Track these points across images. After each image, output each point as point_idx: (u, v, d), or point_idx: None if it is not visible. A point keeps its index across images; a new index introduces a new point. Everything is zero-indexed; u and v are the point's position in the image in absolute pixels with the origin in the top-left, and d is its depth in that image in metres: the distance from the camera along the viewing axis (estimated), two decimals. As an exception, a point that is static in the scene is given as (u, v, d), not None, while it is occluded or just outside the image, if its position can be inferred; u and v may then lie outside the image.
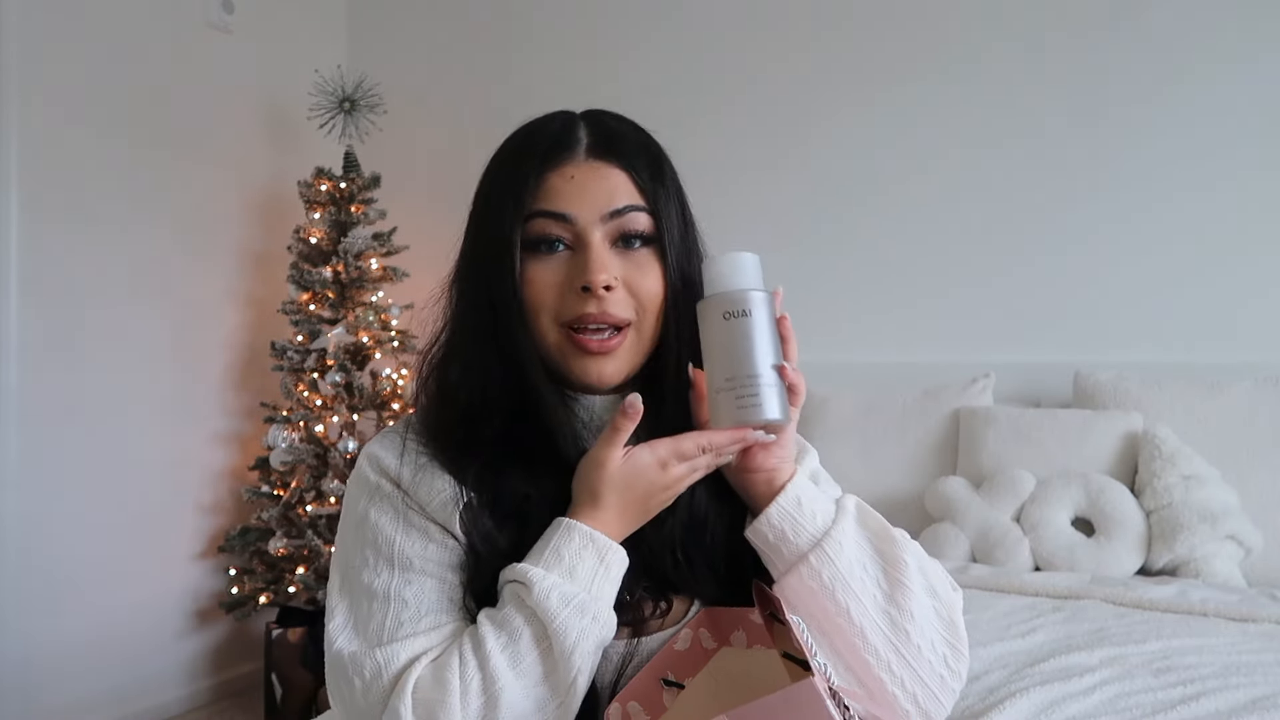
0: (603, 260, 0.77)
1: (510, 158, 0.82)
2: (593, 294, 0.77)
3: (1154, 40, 2.41)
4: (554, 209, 0.78)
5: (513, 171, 0.80)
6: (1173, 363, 2.29)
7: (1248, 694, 1.23)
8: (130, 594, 2.75)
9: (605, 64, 3.04)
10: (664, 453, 0.75)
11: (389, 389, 2.84)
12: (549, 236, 0.78)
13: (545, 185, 0.78)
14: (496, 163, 0.83)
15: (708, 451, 0.75)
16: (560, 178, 0.78)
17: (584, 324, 0.77)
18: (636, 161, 0.81)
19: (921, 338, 2.65)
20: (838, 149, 2.75)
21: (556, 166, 0.79)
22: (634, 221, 0.79)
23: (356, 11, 3.48)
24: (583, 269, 0.77)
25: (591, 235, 0.78)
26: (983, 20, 2.58)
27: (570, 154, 0.79)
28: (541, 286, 0.78)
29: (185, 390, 2.90)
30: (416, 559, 0.78)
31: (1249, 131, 2.32)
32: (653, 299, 0.80)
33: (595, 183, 0.79)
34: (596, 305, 0.77)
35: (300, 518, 2.79)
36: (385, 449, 0.83)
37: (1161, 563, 1.94)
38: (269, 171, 3.14)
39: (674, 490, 0.77)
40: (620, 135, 0.82)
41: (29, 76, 2.47)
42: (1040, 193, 2.52)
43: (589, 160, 0.80)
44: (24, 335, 2.48)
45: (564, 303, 0.78)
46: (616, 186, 0.79)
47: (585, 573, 0.74)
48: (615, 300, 0.78)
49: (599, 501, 0.75)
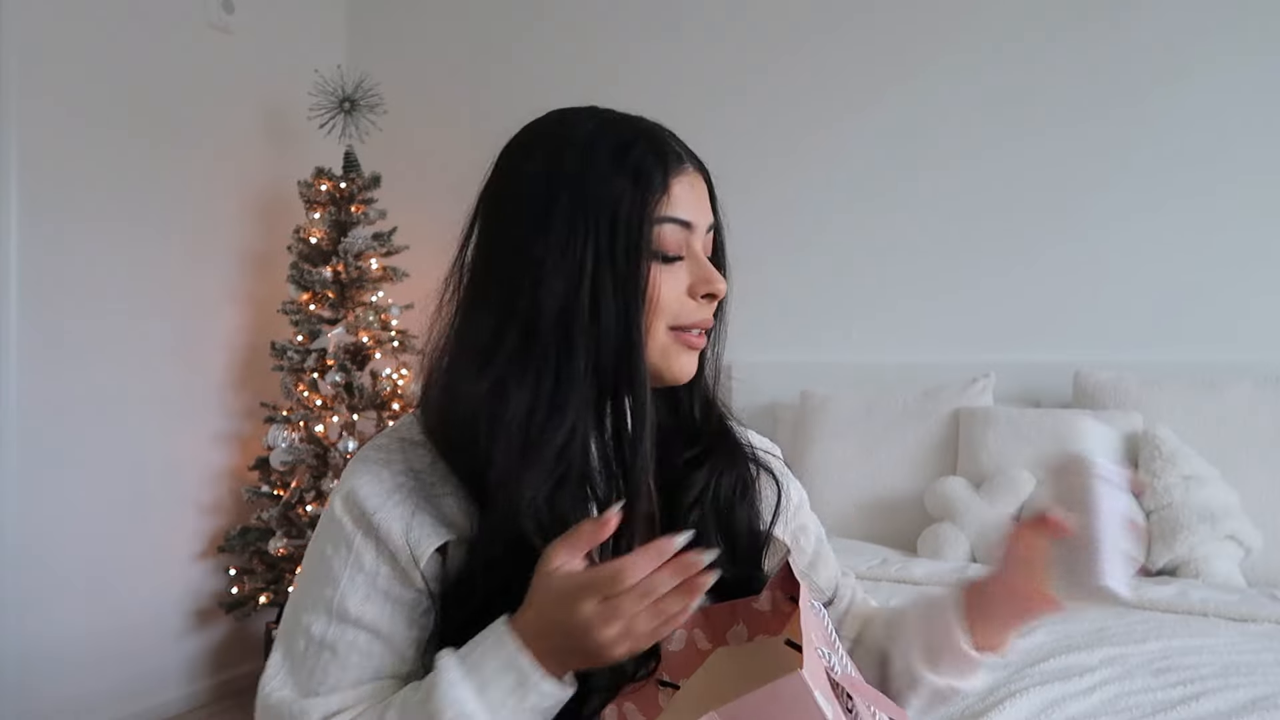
0: (715, 269, 0.80)
1: (621, 159, 0.76)
2: (712, 300, 0.80)
3: (1155, 41, 2.41)
4: (683, 216, 0.78)
5: (641, 172, 0.76)
6: (1173, 363, 2.29)
7: (1248, 694, 1.23)
8: (130, 594, 2.75)
9: (606, 63, 3.04)
10: (574, 584, 0.65)
11: (389, 389, 2.84)
12: (673, 245, 0.78)
13: (671, 190, 0.77)
14: (587, 159, 0.76)
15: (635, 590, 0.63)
16: (682, 185, 0.78)
17: (695, 330, 0.80)
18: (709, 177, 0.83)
19: (921, 338, 2.65)
20: (838, 149, 2.75)
21: (679, 174, 0.78)
22: (711, 240, 0.83)
23: (356, 11, 3.48)
24: (706, 278, 0.79)
25: (698, 245, 0.80)
26: (983, 20, 2.58)
27: (683, 161, 0.79)
28: (666, 292, 0.78)
29: (185, 390, 2.90)
30: (354, 611, 0.75)
31: (1249, 132, 2.32)
32: None
33: (702, 194, 0.80)
34: (710, 310, 0.81)
35: (300, 518, 2.79)
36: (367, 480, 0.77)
37: (1161, 563, 1.94)
38: (269, 171, 3.13)
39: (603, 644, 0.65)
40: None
41: (29, 76, 2.47)
42: (1040, 193, 2.52)
43: (693, 171, 0.80)
44: (24, 335, 2.48)
45: (682, 307, 0.79)
46: (708, 201, 0.82)
47: (496, 696, 0.67)
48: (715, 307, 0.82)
49: (532, 612, 0.68)
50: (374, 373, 2.85)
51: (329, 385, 2.78)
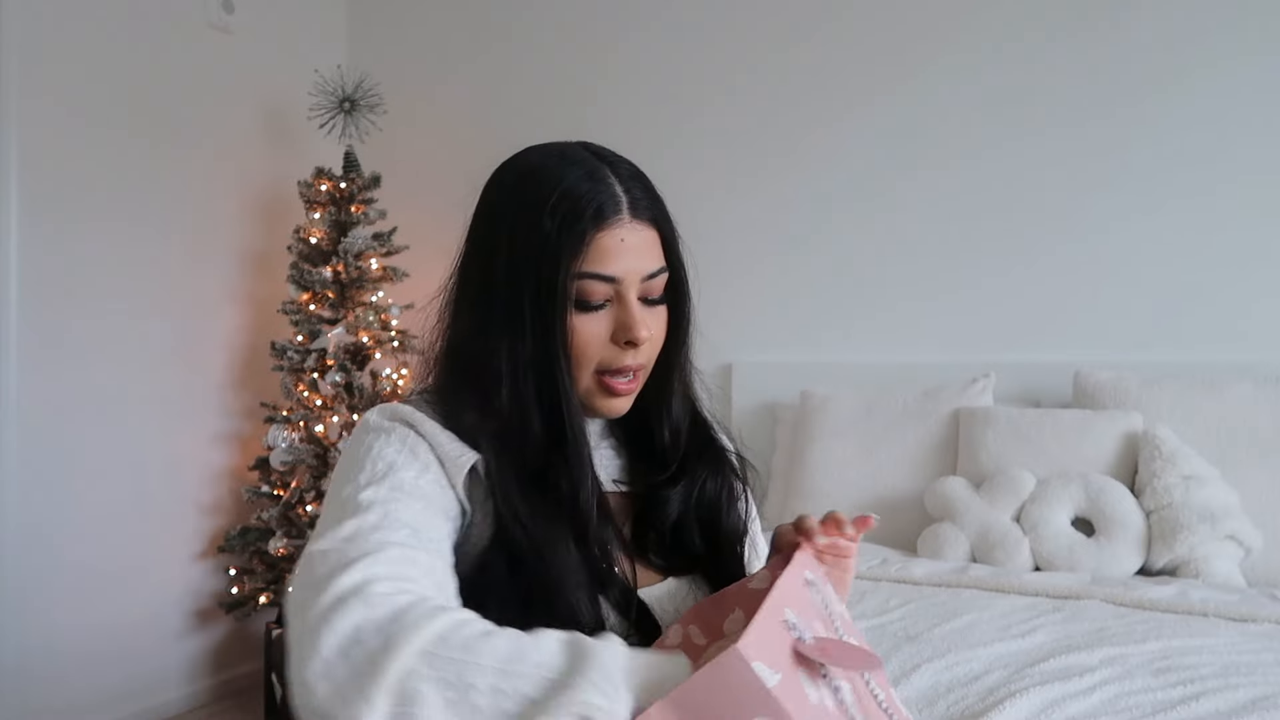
0: (642, 317, 0.83)
1: (552, 211, 0.81)
2: (633, 347, 0.83)
3: (1155, 41, 2.41)
4: (605, 272, 0.81)
5: (562, 226, 0.80)
6: (1173, 363, 2.29)
7: (1248, 694, 1.23)
8: (130, 594, 2.75)
9: (604, 65, 3.04)
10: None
11: (389, 389, 2.84)
12: (595, 295, 0.82)
13: (597, 245, 0.81)
14: (527, 208, 0.82)
15: None
16: (610, 239, 0.81)
17: (620, 373, 0.84)
18: (664, 222, 0.85)
19: (921, 338, 2.65)
20: (838, 150, 2.75)
21: (607, 227, 0.81)
22: (659, 282, 0.85)
23: (356, 11, 3.48)
24: (627, 326, 0.82)
25: (629, 295, 0.83)
26: (984, 20, 2.58)
27: (618, 214, 0.82)
28: (586, 338, 0.82)
29: (185, 390, 2.90)
30: (409, 483, 0.75)
31: (1250, 132, 2.32)
32: (658, 345, 0.87)
33: (639, 246, 0.83)
34: (634, 356, 0.84)
35: (300, 518, 2.79)
36: (397, 406, 0.83)
37: (1161, 563, 1.94)
38: (269, 171, 3.13)
39: None
40: (647, 191, 0.85)
41: (29, 76, 2.47)
42: (1041, 193, 2.52)
43: (632, 222, 0.82)
44: (24, 335, 2.48)
45: (606, 353, 0.83)
46: (652, 248, 0.84)
47: None
48: (644, 350, 0.85)
49: None
50: (374, 373, 2.85)
51: (329, 385, 2.78)
